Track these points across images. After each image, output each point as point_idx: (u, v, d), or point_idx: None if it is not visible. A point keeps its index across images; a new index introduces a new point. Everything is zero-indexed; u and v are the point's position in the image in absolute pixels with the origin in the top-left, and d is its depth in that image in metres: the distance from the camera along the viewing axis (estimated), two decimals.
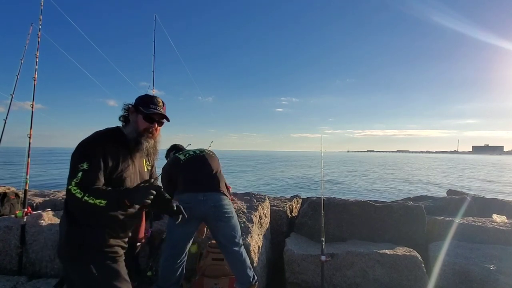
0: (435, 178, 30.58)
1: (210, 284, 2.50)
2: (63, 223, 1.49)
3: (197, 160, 2.47)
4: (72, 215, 1.45)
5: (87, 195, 1.32)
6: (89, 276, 1.41)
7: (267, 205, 3.85)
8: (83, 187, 1.33)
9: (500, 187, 23.12)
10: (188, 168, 2.41)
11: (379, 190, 20.11)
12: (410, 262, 3.00)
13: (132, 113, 1.61)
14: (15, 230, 2.93)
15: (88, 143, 1.46)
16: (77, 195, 1.32)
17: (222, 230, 2.28)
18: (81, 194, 1.32)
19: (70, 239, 1.44)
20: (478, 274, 2.84)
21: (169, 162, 2.57)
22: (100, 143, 1.46)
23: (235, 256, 2.30)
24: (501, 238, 3.49)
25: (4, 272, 2.89)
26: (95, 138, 1.50)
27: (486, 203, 4.85)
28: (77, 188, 1.33)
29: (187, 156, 2.51)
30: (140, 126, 1.58)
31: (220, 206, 2.26)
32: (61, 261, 1.51)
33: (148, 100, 1.62)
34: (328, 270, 3.02)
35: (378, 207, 3.80)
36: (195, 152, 2.56)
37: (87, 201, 1.31)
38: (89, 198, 1.32)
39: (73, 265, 1.45)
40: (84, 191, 1.32)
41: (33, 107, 3.07)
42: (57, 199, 4.05)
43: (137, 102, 1.63)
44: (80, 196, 1.32)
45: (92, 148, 1.43)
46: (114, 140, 1.52)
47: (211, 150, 2.70)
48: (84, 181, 1.35)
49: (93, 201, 1.32)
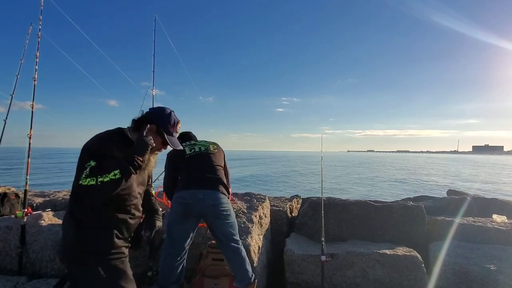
0: (435, 178, 30.58)
1: (210, 284, 2.50)
2: (69, 226, 1.48)
3: (200, 158, 2.48)
4: (78, 218, 1.45)
5: (99, 176, 1.31)
6: (97, 278, 1.41)
7: (267, 205, 3.85)
8: (92, 173, 1.32)
9: (500, 187, 23.12)
10: (190, 165, 2.43)
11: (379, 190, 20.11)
12: (410, 262, 3.00)
13: (149, 131, 1.56)
14: (15, 230, 2.92)
15: (94, 145, 1.46)
16: (91, 183, 1.30)
17: (221, 228, 2.30)
18: (94, 179, 1.30)
19: (77, 242, 1.44)
20: (478, 274, 2.84)
21: (175, 151, 2.48)
22: (106, 144, 1.46)
23: (234, 253, 2.32)
24: (501, 238, 3.49)
25: (4, 272, 2.89)
26: (101, 139, 1.50)
27: (486, 203, 4.85)
28: (88, 178, 1.31)
29: (192, 152, 2.52)
30: (155, 147, 1.58)
31: (218, 204, 2.28)
32: (67, 263, 1.50)
33: (171, 124, 1.62)
34: (328, 270, 3.02)
35: (378, 207, 3.80)
36: (200, 148, 2.55)
37: (103, 181, 1.30)
38: (103, 178, 1.30)
39: (80, 267, 1.44)
40: (95, 175, 1.31)
41: (33, 107, 3.07)
42: (57, 199, 4.05)
43: (160, 123, 1.60)
44: (94, 182, 1.30)
45: (98, 148, 1.43)
46: (119, 142, 1.52)
47: (217, 144, 2.68)
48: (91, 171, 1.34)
49: (108, 177, 1.31)
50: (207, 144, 2.64)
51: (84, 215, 1.45)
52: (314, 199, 4.15)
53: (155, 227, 1.73)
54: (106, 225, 1.47)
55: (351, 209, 3.82)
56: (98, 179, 1.30)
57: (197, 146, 2.57)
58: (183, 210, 2.25)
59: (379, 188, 21.57)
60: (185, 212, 2.25)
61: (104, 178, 1.30)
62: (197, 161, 2.46)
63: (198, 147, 2.57)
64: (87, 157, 1.39)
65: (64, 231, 1.53)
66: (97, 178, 1.30)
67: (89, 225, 1.44)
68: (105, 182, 1.30)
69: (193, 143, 2.66)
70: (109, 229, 1.48)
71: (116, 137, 1.53)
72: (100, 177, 1.30)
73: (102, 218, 1.46)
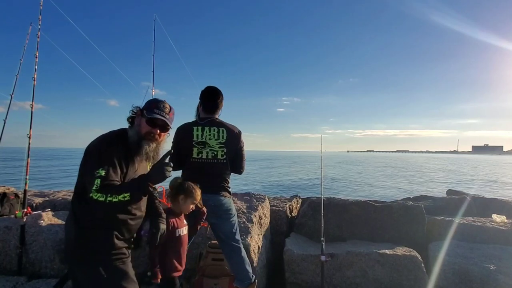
0: (435, 178, 30.59)
1: (210, 284, 2.50)
2: (71, 226, 1.49)
3: (207, 166, 2.34)
4: (80, 218, 1.46)
5: (109, 195, 1.36)
6: (98, 278, 1.43)
7: (267, 205, 3.85)
8: (103, 190, 1.37)
9: (500, 186, 23.14)
10: (195, 169, 2.33)
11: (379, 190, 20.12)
12: (410, 262, 3.00)
13: (137, 116, 1.63)
14: (14, 230, 2.92)
15: (102, 147, 1.47)
16: (100, 199, 1.36)
17: (222, 227, 2.32)
18: (104, 197, 1.36)
19: (79, 241, 1.45)
20: (478, 274, 2.85)
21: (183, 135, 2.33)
22: (112, 147, 1.48)
23: (234, 252, 2.32)
24: (501, 238, 3.49)
25: (4, 272, 2.89)
26: (107, 142, 1.51)
27: (486, 203, 4.86)
28: (98, 193, 1.36)
29: (199, 157, 2.32)
30: (142, 130, 1.58)
31: (220, 205, 2.30)
32: (69, 263, 1.51)
33: (153, 104, 1.61)
34: (328, 270, 3.02)
35: (378, 207, 3.80)
36: (207, 155, 2.33)
37: (111, 201, 1.36)
38: (112, 197, 1.36)
39: (82, 267, 1.46)
40: (106, 193, 1.36)
41: (32, 107, 3.06)
42: (57, 199, 4.04)
43: (144, 105, 1.64)
44: (104, 199, 1.36)
45: (106, 153, 1.45)
46: (122, 143, 1.54)
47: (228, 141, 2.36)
48: (103, 186, 1.38)
49: (117, 198, 1.37)
50: (216, 148, 2.35)
51: (85, 215, 1.46)
52: (314, 199, 4.15)
53: (160, 230, 1.73)
54: (107, 225, 1.48)
55: (351, 209, 3.82)
56: (107, 198, 1.36)
57: (205, 151, 2.33)
58: None
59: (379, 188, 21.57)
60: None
61: (113, 198, 1.37)
62: (203, 169, 2.32)
63: (206, 152, 2.33)
64: (96, 163, 1.41)
65: (66, 231, 1.54)
66: (107, 196, 1.36)
67: (90, 225, 1.45)
68: (113, 202, 1.37)
69: (203, 142, 2.34)
70: (110, 229, 1.48)
71: (120, 139, 1.55)
72: (110, 196, 1.37)
73: (103, 218, 1.47)
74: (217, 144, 2.34)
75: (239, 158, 2.47)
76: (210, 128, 2.34)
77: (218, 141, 2.34)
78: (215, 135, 2.34)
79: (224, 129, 2.37)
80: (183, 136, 2.33)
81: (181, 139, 2.34)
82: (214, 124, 2.36)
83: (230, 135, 2.38)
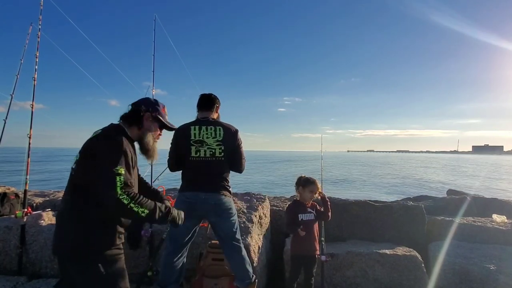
0: (435, 178, 30.58)
1: (210, 284, 2.50)
2: (69, 222, 1.46)
3: (205, 164, 2.35)
4: (85, 215, 1.44)
5: (133, 202, 1.38)
6: (96, 276, 1.42)
7: (267, 205, 3.85)
8: (129, 193, 1.38)
9: (500, 186, 23.12)
10: (194, 168, 2.35)
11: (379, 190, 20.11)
12: (410, 262, 3.01)
13: (147, 119, 1.64)
14: (15, 230, 2.92)
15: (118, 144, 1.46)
16: (124, 201, 1.36)
17: (223, 226, 2.33)
18: (128, 201, 1.36)
19: (79, 239, 1.43)
20: (478, 274, 2.85)
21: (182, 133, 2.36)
22: (126, 144, 1.49)
23: (234, 251, 2.33)
24: (501, 238, 3.50)
25: (4, 272, 2.89)
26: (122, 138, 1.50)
27: (486, 203, 4.86)
28: (124, 194, 1.36)
29: (197, 156, 2.34)
30: (155, 134, 1.68)
31: (221, 204, 2.30)
32: (63, 261, 1.49)
33: (163, 109, 1.73)
34: (328, 270, 3.01)
35: (378, 207, 3.80)
36: (205, 153, 2.35)
37: (131, 208, 1.37)
38: (134, 206, 1.38)
39: (79, 265, 1.44)
40: (131, 199, 1.37)
41: (33, 107, 3.07)
42: (57, 199, 4.04)
43: (154, 109, 1.67)
44: (127, 203, 1.36)
45: (123, 150, 1.45)
46: (130, 142, 1.57)
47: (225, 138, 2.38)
48: (126, 186, 1.39)
49: (137, 209, 1.38)
50: (214, 145, 2.37)
51: (91, 212, 1.44)
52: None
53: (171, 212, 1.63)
54: (108, 223, 1.48)
55: (351, 209, 3.82)
56: (130, 204, 1.37)
57: (203, 149, 2.35)
58: (187, 209, 2.26)
59: (379, 188, 21.57)
60: (189, 210, 2.26)
61: (134, 207, 1.38)
62: (202, 167, 2.34)
63: (204, 150, 2.35)
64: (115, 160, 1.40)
65: (60, 227, 1.49)
66: (130, 201, 1.37)
67: (89, 221, 1.44)
68: (132, 210, 1.37)
69: (200, 140, 2.37)
70: (113, 225, 1.49)
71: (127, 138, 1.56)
72: (133, 203, 1.37)
73: (111, 217, 1.48)
74: (215, 142, 2.36)
75: (238, 156, 2.48)
76: (207, 127, 2.38)
77: (215, 139, 2.36)
78: (212, 133, 2.37)
79: (221, 127, 2.40)
80: (181, 136, 2.38)
81: (179, 138, 2.39)
82: (211, 123, 2.41)
83: (227, 133, 2.40)
